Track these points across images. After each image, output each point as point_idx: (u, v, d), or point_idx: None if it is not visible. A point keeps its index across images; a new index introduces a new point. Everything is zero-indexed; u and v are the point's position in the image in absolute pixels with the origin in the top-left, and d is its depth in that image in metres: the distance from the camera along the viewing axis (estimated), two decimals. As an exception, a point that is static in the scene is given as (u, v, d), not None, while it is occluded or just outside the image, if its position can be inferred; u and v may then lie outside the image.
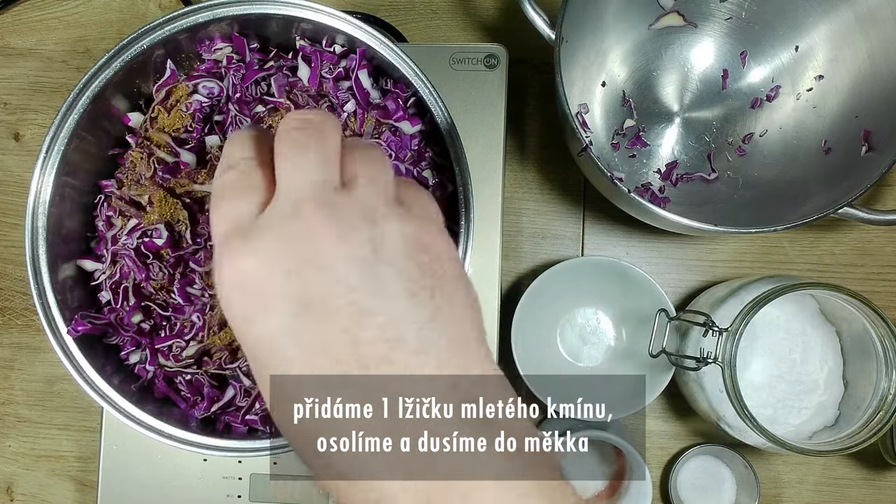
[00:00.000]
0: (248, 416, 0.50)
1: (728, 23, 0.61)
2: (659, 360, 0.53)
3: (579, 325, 0.62)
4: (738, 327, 0.49)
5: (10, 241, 0.66)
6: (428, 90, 0.49)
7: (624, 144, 0.62)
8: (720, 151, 0.62)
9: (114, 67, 0.49)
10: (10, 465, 0.64)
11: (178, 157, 0.51)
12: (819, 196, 0.53)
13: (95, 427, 0.61)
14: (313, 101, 0.52)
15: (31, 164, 0.48)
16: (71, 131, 0.48)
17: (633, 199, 0.50)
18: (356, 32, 0.49)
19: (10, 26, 0.67)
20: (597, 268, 0.59)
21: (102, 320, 0.50)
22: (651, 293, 0.57)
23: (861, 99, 0.56)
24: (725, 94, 0.62)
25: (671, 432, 0.62)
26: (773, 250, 0.63)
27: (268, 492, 0.55)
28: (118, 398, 0.47)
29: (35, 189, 0.48)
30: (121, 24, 0.67)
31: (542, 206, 0.64)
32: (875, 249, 0.63)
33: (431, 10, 0.66)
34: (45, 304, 0.48)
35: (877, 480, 0.61)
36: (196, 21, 0.49)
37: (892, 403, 0.49)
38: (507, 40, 0.58)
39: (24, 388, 0.65)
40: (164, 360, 0.50)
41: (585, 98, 0.61)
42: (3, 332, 0.65)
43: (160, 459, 0.55)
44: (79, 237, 0.52)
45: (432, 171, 0.52)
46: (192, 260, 0.50)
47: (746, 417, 0.48)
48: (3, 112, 0.67)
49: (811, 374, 0.55)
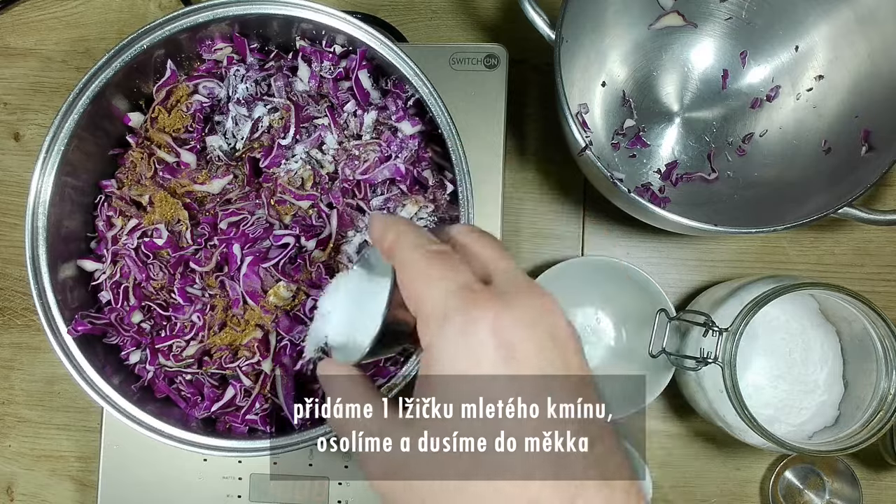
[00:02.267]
0: (248, 416, 0.50)
1: (728, 23, 0.61)
2: (659, 360, 0.53)
3: (579, 325, 0.62)
4: (738, 327, 0.49)
5: (10, 241, 0.66)
6: (428, 90, 0.49)
7: (624, 144, 0.62)
8: (720, 151, 0.62)
9: (114, 67, 0.49)
10: (10, 465, 0.64)
11: (178, 157, 0.51)
12: (819, 196, 0.53)
13: (95, 427, 0.61)
14: (313, 101, 0.52)
15: (31, 164, 0.48)
16: (71, 131, 0.48)
17: (633, 199, 0.50)
18: (356, 32, 0.49)
19: (10, 26, 0.67)
20: (597, 268, 0.59)
21: (102, 320, 0.50)
22: (651, 293, 0.57)
23: (861, 99, 0.56)
24: (725, 94, 0.62)
25: (671, 432, 0.62)
26: (773, 250, 0.63)
27: (268, 492, 0.55)
28: (118, 398, 0.47)
29: (35, 189, 0.48)
30: (121, 24, 0.67)
31: (542, 206, 0.64)
32: (875, 249, 0.63)
33: (431, 10, 0.66)
34: (45, 304, 0.48)
35: (877, 480, 0.61)
36: (196, 21, 0.49)
37: (892, 403, 0.49)
38: (507, 40, 0.58)
39: (24, 388, 0.65)
40: (165, 360, 0.50)
41: (585, 98, 0.61)
42: (3, 332, 0.65)
43: (160, 459, 0.55)
44: (79, 237, 0.52)
45: (432, 171, 0.52)
46: (192, 260, 0.50)
47: (746, 417, 0.48)
48: (3, 112, 0.67)
49: (811, 374, 0.55)
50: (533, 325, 0.27)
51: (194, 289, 0.50)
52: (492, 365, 0.26)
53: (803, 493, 0.60)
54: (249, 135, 0.51)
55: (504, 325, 0.27)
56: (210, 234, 0.50)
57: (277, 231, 0.50)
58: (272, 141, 0.50)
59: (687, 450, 0.62)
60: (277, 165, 0.50)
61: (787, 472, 0.60)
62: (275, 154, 0.50)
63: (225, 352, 0.50)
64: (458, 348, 0.27)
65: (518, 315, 0.27)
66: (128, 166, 0.52)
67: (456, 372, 0.27)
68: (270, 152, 0.50)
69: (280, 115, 0.51)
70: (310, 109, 0.51)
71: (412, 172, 0.51)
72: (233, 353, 0.50)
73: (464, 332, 0.27)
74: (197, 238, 0.50)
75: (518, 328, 0.27)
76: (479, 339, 0.27)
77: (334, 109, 0.52)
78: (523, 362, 0.27)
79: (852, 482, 0.60)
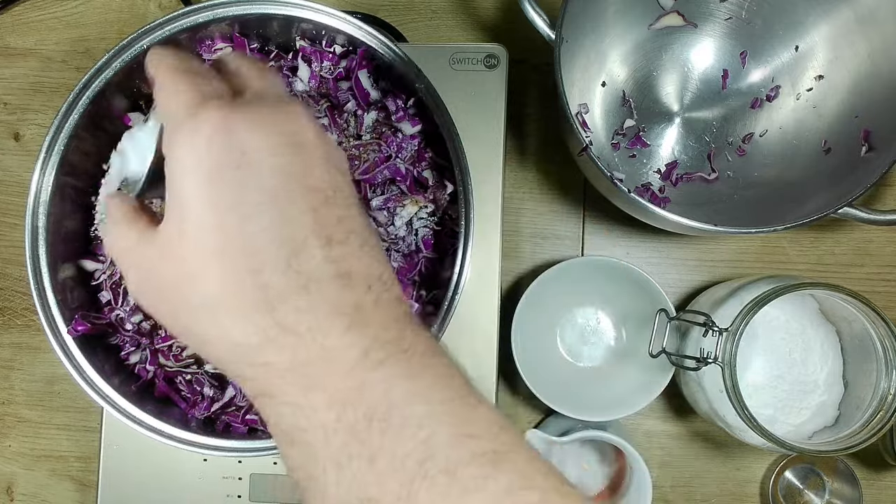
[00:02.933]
0: (248, 416, 0.50)
1: (728, 23, 0.61)
2: (659, 360, 0.53)
3: (579, 325, 0.62)
4: (738, 327, 0.49)
5: (10, 241, 0.65)
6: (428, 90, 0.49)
7: (624, 144, 0.62)
8: (720, 151, 0.62)
9: (114, 67, 0.49)
10: (10, 465, 0.64)
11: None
12: (819, 196, 0.53)
13: (95, 427, 0.61)
14: (313, 101, 0.52)
15: (31, 164, 0.48)
16: (71, 131, 0.48)
17: (633, 199, 0.50)
18: (356, 32, 0.49)
19: (10, 26, 0.67)
20: (597, 268, 0.59)
21: (102, 320, 0.50)
22: (651, 293, 0.56)
23: (861, 99, 0.56)
24: (725, 94, 0.62)
25: (671, 432, 0.62)
26: (773, 250, 0.63)
27: (268, 492, 0.55)
28: (118, 398, 0.47)
29: (35, 189, 0.48)
30: (121, 24, 0.67)
31: (542, 206, 0.64)
32: (875, 249, 0.63)
33: (431, 10, 0.66)
34: (45, 304, 0.48)
35: (877, 480, 0.61)
36: (196, 21, 0.49)
37: (892, 403, 0.49)
38: (507, 40, 0.58)
39: (24, 388, 0.65)
40: (164, 360, 0.50)
41: (585, 98, 0.61)
42: (3, 332, 0.65)
43: (160, 459, 0.55)
44: (79, 237, 0.52)
45: (432, 171, 0.52)
46: (192, 260, 0.50)
47: (746, 417, 0.48)
48: (3, 112, 0.67)
49: (811, 374, 0.55)
50: (268, 130, 0.27)
51: (194, 289, 0.50)
52: (218, 169, 0.26)
53: (803, 493, 0.60)
54: (249, 135, 0.51)
55: (234, 128, 0.26)
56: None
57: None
58: (272, 141, 0.50)
59: (687, 450, 0.62)
60: (277, 165, 0.50)
61: (787, 472, 0.60)
62: (275, 154, 0.50)
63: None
64: (184, 152, 0.26)
65: (252, 118, 0.27)
66: (128, 166, 0.52)
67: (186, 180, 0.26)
68: (270, 152, 0.50)
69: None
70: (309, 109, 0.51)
71: (412, 172, 0.51)
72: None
73: (191, 134, 0.26)
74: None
75: (250, 132, 0.26)
76: (204, 141, 0.26)
77: (334, 109, 0.52)
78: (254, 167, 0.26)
79: (852, 482, 0.60)
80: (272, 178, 0.26)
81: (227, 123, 0.26)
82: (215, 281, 0.26)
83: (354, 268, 0.27)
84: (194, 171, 0.26)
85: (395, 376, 0.26)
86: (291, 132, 0.27)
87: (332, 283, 0.26)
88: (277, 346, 0.26)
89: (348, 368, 0.26)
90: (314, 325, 0.26)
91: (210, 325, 0.27)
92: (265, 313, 0.26)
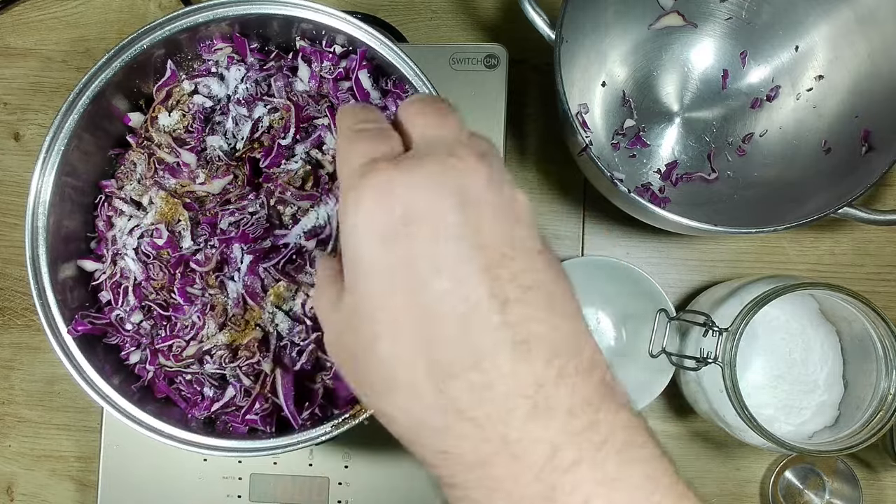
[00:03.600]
0: (248, 416, 0.50)
1: (728, 23, 0.61)
2: (659, 360, 0.53)
3: (579, 325, 0.62)
4: (738, 327, 0.49)
5: (10, 241, 0.66)
6: (428, 90, 0.49)
7: (624, 144, 0.62)
8: (720, 151, 0.62)
9: (114, 67, 0.49)
10: (10, 465, 0.64)
11: (178, 157, 0.51)
12: (819, 196, 0.53)
13: (95, 427, 0.61)
14: (313, 101, 0.52)
15: (31, 164, 0.48)
16: (71, 131, 0.48)
17: (633, 199, 0.50)
18: (356, 32, 0.49)
19: (10, 26, 0.67)
20: (597, 268, 0.59)
21: (102, 320, 0.50)
22: (651, 293, 0.57)
23: (861, 99, 0.56)
24: (725, 94, 0.62)
25: (671, 432, 0.62)
26: (773, 250, 0.63)
27: (268, 492, 0.55)
28: (118, 398, 0.47)
29: (35, 189, 0.48)
30: (121, 24, 0.67)
31: (542, 206, 0.64)
32: (875, 249, 0.63)
33: (431, 10, 0.66)
34: (45, 304, 0.48)
35: (877, 480, 0.61)
36: (196, 21, 0.49)
37: (892, 403, 0.49)
38: (507, 40, 0.58)
39: (24, 388, 0.65)
40: (165, 360, 0.50)
41: (585, 98, 0.61)
42: (3, 332, 0.65)
43: (160, 459, 0.55)
44: (79, 237, 0.52)
45: (432, 171, 0.52)
46: (192, 260, 0.50)
47: (746, 417, 0.48)
48: (3, 112, 0.67)
49: (811, 374, 0.55)
50: (431, 191, 0.24)
51: (194, 289, 0.50)
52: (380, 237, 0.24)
53: (803, 493, 0.60)
54: (249, 135, 0.51)
55: (396, 192, 0.24)
56: (210, 234, 0.50)
57: (277, 231, 0.50)
58: (272, 141, 0.50)
59: (687, 450, 0.62)
60: (277, 165, 0.50)
61: (787, 472, 0.60)
62: (275, 154, 0.50)
63: (225, 352, 0.50)
64: (349, 219, 0.25)
65: (413, 180, 0.24)
66: (128, 166, 0.52)
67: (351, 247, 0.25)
68: (270, 152, 0.50)
69: (280, 115, 0.51)
70: (310, 109, 0.51)
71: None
72: (233, 353, 0.50)
73: (356, 200, 0.24)
74: (197, 238, 0.50)
75: (412, 194, 0.24)
76: (366, 206, 0.24)
77: (334, 109, 0.52)
78: (418, 232, 0.24)
79: (852, 482, 0.60)
80: (436, 244, 0.24)
81: (390, 187, 0.24)
82: (385, 357, 0.25)
83: (535, 332, 0.24)
84: (360, 240, 0.25)
85: (589, 481, 0.23)
86: (457, 189, 0.24)
87: (508, 355, 0.23)
88: (455, 435, 0.24)
89: (536, 471, 0.23)
90: (492, 410, 0.23)
91: (387, 404, 0.26)
92: (437, 393, 0.24)
